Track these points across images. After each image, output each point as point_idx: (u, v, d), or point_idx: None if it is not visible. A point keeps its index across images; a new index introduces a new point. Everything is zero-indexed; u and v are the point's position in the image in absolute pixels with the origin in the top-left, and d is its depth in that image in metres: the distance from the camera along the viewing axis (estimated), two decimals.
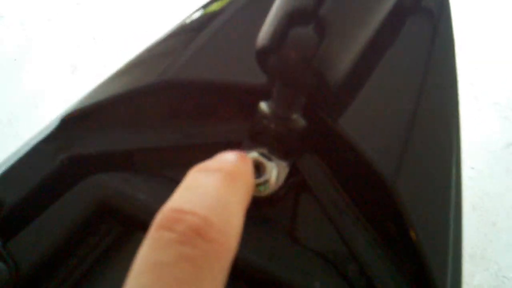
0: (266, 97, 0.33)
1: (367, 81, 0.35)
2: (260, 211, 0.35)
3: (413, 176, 0.33)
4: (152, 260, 0.19)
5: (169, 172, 0.36)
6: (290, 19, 0.29)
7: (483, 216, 1.31)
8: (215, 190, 0.21)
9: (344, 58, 0.30)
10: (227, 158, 0.24)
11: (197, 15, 0.42)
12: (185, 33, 0.40)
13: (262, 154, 0.33)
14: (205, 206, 0.20)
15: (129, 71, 0.38)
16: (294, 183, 0.35)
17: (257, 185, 0.33)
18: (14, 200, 0.32)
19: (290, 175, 0.34)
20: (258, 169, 0.33)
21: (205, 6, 0.43)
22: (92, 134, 0.35)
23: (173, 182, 0.35)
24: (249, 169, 0.24)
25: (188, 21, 0.43)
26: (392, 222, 0.33)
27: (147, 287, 0.18)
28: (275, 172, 0.33)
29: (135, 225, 0.34)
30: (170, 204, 0.21)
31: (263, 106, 0.33)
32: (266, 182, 0.33)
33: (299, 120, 0.33)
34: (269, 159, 0.33)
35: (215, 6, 0.41)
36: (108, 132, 0.36)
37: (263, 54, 0.30)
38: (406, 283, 0.32)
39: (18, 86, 1.62)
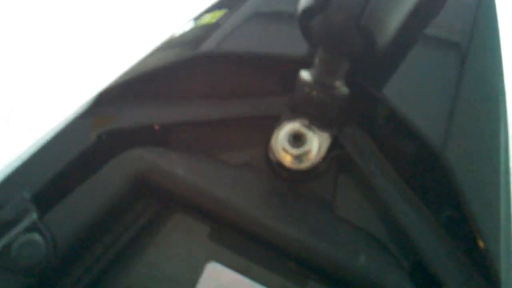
0: (305, 68, 0.32)
1: (412, 49, 0.34)
2: (302, 185, 0.33)
3: (462, 145, 0.32)
4: None
5: (206, 146, 0.35)
6: None
7: None
8: None
9: (392, 19, 0.29)
10: None
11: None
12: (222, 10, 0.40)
13: (303, 124, 0.32)
14: None
15: (166, 48, 0.38)
16: (336, 156, 0.34)
17: (298, 156, 0.32)
18: (52, 174, 0.32)
19: (332, 147, 0.33)
20: (299, 139, 0.32)
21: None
22: (129, 109, 0.35)
23: (210, 157, 0.35)
24: None
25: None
26: (441, 193, 0.31)
27: None
28: (316, 142, 0.32)
29: (173, 200, 0.33)
30: None
31: (304, 74, 0.32)
32: (307, 152, 0.32)
33: (342, 87, 0.31)
34: (311, 130, 0.32)
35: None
36: (145, 107, 0.35)
37: (306, 17, 0.29)
38: (456, 258, 0.30)
39: None
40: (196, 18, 0.42)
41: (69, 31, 1.43)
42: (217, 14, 0.40)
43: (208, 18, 0.40)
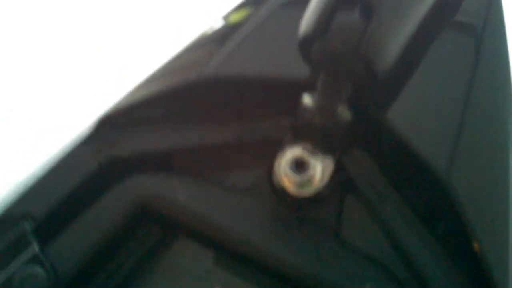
0: (308, 91, 0.32)
1: (415, 71, 0.33)
2: (305, 211, 0.33)
3: (469, 172, 0.31)
4: None
5: (209, 172, 0.35)
6: (335, 3, 0.28)
7: None
8: None
9: (392, 44, 0.28)
10: None
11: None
12: (221, 32, 0.39)
13: (306, 150, 0.32)
14: None
15: (167, 72, 0.37)
16: (339, 181, 0.33)
17: (301, 183, 0.32)
18: (52, 204, 0.31)
19: (335, 172, 0.32)
20: (302, 165, 0.32)
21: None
22: (130, 135, 0.34)
23: (213, 182, 0.34)
24: None
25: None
26: (447, 221, 0.31)
27: None
28: (319, 168, 0.32)
29: (175, 228, 0.33)
30: None
31: (307, 98, 0.31)
32: (310, 179, 0.32)
33: (344, 112, 0.31)
34: (313, 155, 0.32)
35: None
36: (146, 132, 0.35)
37: (306, 43, 0.29)
38: (463, 285, 0.30)
39: None
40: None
41: (69, 31, 1.42)
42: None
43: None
